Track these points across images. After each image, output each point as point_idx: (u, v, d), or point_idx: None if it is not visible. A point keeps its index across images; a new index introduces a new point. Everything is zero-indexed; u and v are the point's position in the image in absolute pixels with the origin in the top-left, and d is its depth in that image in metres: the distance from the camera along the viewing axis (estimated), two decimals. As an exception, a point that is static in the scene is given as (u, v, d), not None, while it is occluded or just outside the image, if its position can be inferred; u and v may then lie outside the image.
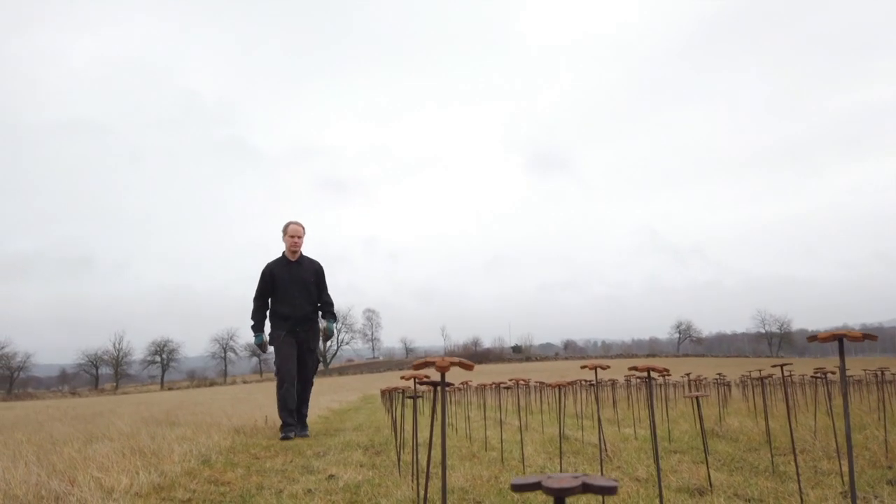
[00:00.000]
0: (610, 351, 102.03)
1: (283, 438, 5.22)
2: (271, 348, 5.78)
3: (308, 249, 6.04)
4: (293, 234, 5.77)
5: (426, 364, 1.02)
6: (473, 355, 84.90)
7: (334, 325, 5.85)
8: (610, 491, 0.40)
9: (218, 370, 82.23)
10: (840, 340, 1.08)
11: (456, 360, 1.01)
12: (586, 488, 0.41)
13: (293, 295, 5.65)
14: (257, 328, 5.74)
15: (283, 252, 5.83)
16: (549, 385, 2.82)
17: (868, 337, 1.05)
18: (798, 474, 2.35)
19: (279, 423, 5.59)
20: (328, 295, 5.91)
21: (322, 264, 5.92)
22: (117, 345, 76.49)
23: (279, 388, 5.51)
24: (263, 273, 5.75)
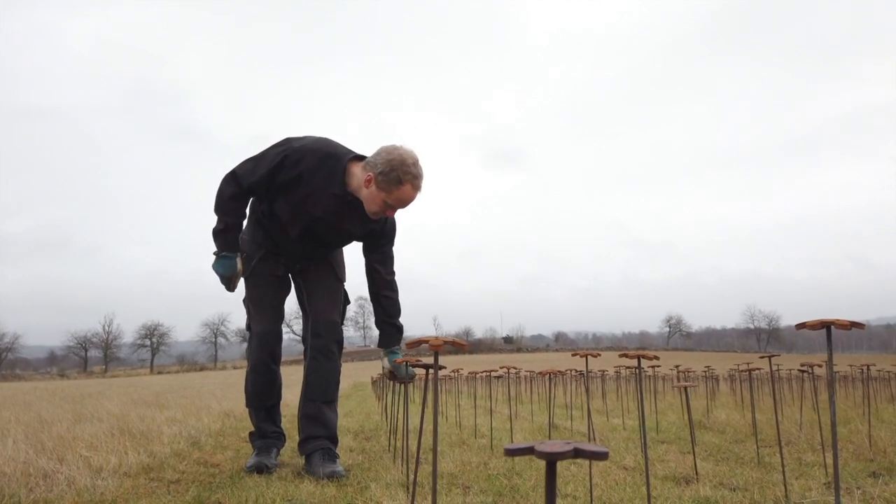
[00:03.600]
0: (601, 343, 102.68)
1: (253, 467, 2.76)
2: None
3: None
4: (400, 200, 2.63)
5: (419, 343, 1.03)
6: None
7: (399, 354, 2.91)
8: (601, 456, 0.41)
9: (208, 355, 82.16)
10: (828, 328, 1.09)
11: (450, 339, 1.01)
12: (578, 453, 0.42)
13: (312, 234, 2.85)
14: (224, 239, 2.76)
15: (344, 176, 2.68)
16: (540, 373, 2.84)
17: (855, 325, 1.07)
18: (783, 465, 2.38)
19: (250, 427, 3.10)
20: (393, 274, 2.99)
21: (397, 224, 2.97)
22: (107, 327, 76.30)
23: (249, 361, 2.94)
24: (285, 159, 2.65)
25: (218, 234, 2.77)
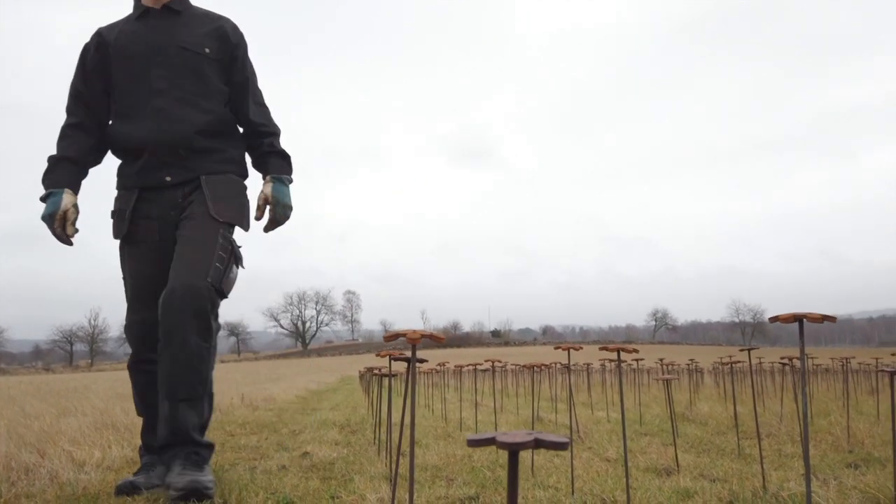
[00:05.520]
0: (588, 337, 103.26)
1: (120, 488, 2.13)
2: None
3: (245, 234, 2.43)
4: None
5: (397, 336, 1.04)
6: (453, 339, 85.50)
7: (287, 187, 2.42)
8: (561, 446, 0.42)
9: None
10: (800, 321, 1.12)
11: (427, 332, 1.02)
12: (539, 443, 0.43)
13: (148, 85, 2.29)
14: (50, 176, 2.30)
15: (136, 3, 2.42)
16: (525, 366, 2.86)
17: (827, 318, 1.09)
18: (761, 456, 2.42)
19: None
20: (261, 106, 2.50)
21: (239, 27, 2.49)
22: (93, 321, 75.63)
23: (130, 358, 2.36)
24: (85, 46, 2.40)
25: (44, 175, 2.30)
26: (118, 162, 2.42)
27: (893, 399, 1.40)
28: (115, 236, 2.34)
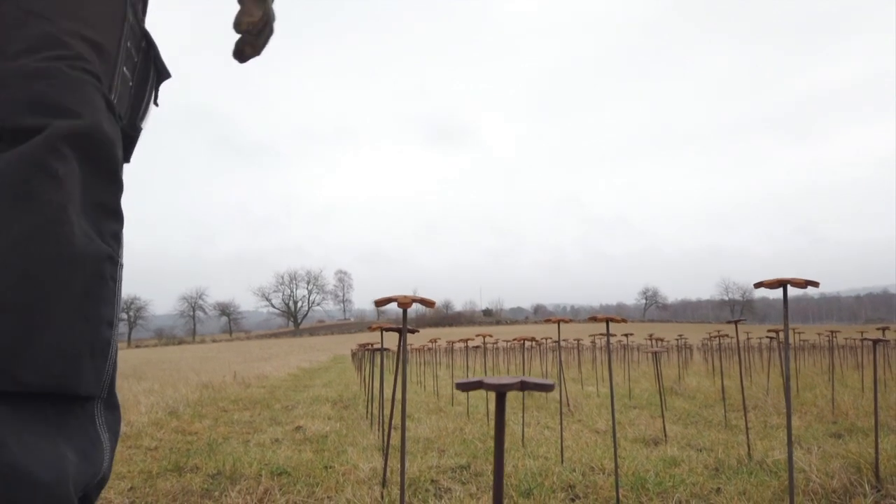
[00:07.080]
0: (579, 315, 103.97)
1: None
2: None
3: (229, 215, 1.44)
4: None
5: (388, 301, 1.05)
6: (444, 318, 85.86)
7: None
8: (546, 388, 0.44)
9: (186, 329, 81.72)
10: (784, 286, 1.14)
11: (417, 297, 1.04)
12: (524, 385, 0.44)
13: None
14: None
15: None
16: (515, 340, 2.89)
17: (810, 283, 1.11)
18: (747, 427, 2.47)
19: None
20: None
21: None
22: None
23: None
24: None
25: None
26: None
27: (876, 366, 1.43)
28: None
